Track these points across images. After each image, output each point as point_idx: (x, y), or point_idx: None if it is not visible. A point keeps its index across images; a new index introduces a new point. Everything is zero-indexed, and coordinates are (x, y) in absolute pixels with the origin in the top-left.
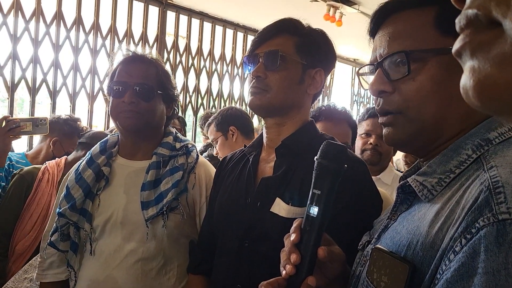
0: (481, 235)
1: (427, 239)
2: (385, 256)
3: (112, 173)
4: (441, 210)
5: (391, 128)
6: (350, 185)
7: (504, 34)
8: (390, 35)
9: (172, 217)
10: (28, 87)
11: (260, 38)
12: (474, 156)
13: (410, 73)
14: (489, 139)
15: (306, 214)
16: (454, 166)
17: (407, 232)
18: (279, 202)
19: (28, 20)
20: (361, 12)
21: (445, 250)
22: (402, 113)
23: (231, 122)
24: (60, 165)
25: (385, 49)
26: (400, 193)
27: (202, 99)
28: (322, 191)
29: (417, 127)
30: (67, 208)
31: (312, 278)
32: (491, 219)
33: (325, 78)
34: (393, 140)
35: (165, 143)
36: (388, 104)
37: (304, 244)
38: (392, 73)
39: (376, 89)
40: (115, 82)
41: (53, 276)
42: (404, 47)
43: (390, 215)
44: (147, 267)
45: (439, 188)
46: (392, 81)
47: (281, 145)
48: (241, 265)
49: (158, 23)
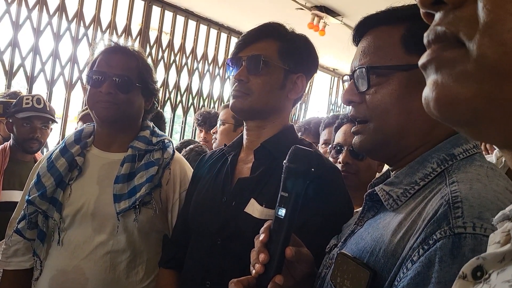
0: (437, 246)
1: (389, 247)
2: (348, 261)
3: (86, 163)
4: (404, 220)
5: (360, 136)
6: (322, 190)
7: (468, 54)
8: (362, 49)
9: (144, 212)
10: (5, 71)
11: (244, 42)
12: (438, 169)
13: (369, 87)
14: (454, 154)
15: (274, 215)
16: (419, 178)
17: (371, 239)
18: (253, 203)
19: (10, 3)
20: (344, 23)
21: (404, 259)
22: (367, 122)
23: None
24: (6, 151)
25: (357, 61)
26: (367, 201)
27: (182, 96)
28: (289, 194)
29: (380, 137)
30: (36, 196)
31: (279, 276)
32: (448, 232)
33: (306, 84)
34: (360, 147)
35: (141, 137)
36: (357, 112)
37: (272, 244)
38: (359, 85)
39: (346, 99)
40: (94, 72)
41: (17, 264)
42: (369, 62)
43: (357, 221)
44: (116, 260)
45: (403, 199)
46: (360, 92)
47: (260, 147)
48: (212, 262)
49: (143, 17)
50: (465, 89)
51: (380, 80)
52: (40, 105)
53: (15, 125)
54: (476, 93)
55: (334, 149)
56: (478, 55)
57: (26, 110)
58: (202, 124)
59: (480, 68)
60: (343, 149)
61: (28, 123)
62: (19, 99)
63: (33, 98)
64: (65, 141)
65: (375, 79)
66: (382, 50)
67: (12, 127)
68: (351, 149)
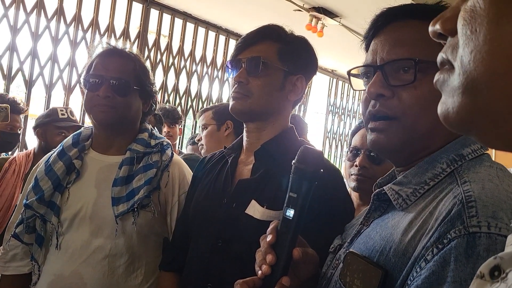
0: (452, 245)
1: (400, 246)
2: (359, 260)
3: (84, 166)
4: (414, 219)
5: (383, 134)
6: (324, 191)
7: (454, 71)
8: (395, 41)
9: (142, 215)
10: (3, 75)
11: (244, 44)
12: (448, 170)
13: (415, 80)
14: (463, 155)
15: (282, 216)
16: (429, 178)
17: (380, 238)
18: (254, 204)
19: (8, 7)
20: (342, 25)
21: (417, 258)
22: (397, 119)
23: (230, 117)
24: (29, 156)
25: (388, 53)
26: (375, 200)
27: (180, 99)
28: (298, 194)
29: (409, 136)
30: (34, 200)
31: (286, 278)
32: (462, 231)
33: (306, 85)
34: (381, 146)
35: (140, 139)
36: (386, 107)
37: (279, 245)
38: (392, 78)
39: (375, 92)
40: (91, 75)
41: (15, 268)
42: (412, 54)
43: (363, 221)
44: (114, 264)
45: (413, 198)
46: (392, 86)
47: (260, 149)
48: (213, 264)
49: (141, 20)
50: (455, 103)
51: (421, 76)
52: (73, 117)
53: (48, 133)
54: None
55: (351, 153)
56: (459, 74)
57: (63, 120)
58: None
59: (461, 85)
60: (360, 153)
61: (63, 133)
62: (53, 110)
63: (67, 110)
64: (63, 144)
65: (418, 74)
66: (422, 44)
67: (45, 135)
68: (368, 153)
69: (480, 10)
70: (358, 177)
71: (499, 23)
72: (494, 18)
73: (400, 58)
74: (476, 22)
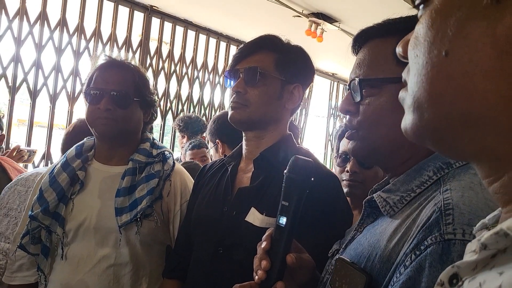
0: (428, 252)
1: (385, 252)
2: (346, 266)
3: (87, 177)
4: (399, 226)
5: (352, 142)
6: (321, 198)
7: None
8: (358, 61)
9: (146, 224)
10: (8, 86)
11: (241, 54)
12: (434, 177)
13: (362, 98)
14: (450, 163)
15: (276, 224)
16: (415, 185)
17: (368, 244)
18: (254, 212)
19: (12, 19)
20: (341, 29)
21: (398, 264)
22: (357, 131)
23: (216, 136)
24: None
25: (353, 73)
26: (367, 207)
27: (183, 105)
28: (289, 203)
29: (368, 145)
30: (39, 212)
31: (281, 283)
32: (438, 238)
33: (303, 93)
34: (352, 152)
35: (141, 149)
36: (350, 121)
37: (274, 251)
38: (355, 96)
39: (343, 108)
40: (92, 88)
41: (22, 278)
42: (363, 74)
43: (357, 227)
44: (119, 273)
45: (400, 205)
46: (356, 103)
47: (259, 157)
48: (215, 271)
49: (143, 29)
50: (409, 119)
51: (373, 92)
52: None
53: None
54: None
55: (340, 158)
56: (409, 94)
57: None
58: (184, 130)
59: (411, 104)
60: (349, 157)
61: None
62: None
63: None
64: (66, 155)
65: (368, 91)
66: (375, 62)
67: None
68: None
69: (419, 37)
70: (349, 182)
71: (430, 50)
72: (428, 44)
73: (353, 78)
74: (417, 47)
